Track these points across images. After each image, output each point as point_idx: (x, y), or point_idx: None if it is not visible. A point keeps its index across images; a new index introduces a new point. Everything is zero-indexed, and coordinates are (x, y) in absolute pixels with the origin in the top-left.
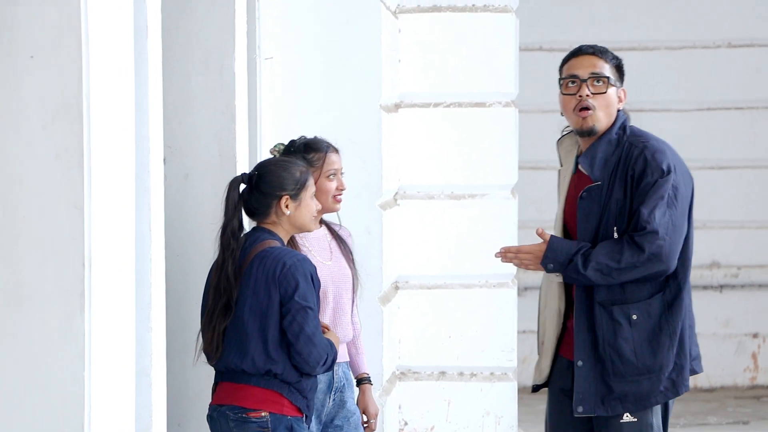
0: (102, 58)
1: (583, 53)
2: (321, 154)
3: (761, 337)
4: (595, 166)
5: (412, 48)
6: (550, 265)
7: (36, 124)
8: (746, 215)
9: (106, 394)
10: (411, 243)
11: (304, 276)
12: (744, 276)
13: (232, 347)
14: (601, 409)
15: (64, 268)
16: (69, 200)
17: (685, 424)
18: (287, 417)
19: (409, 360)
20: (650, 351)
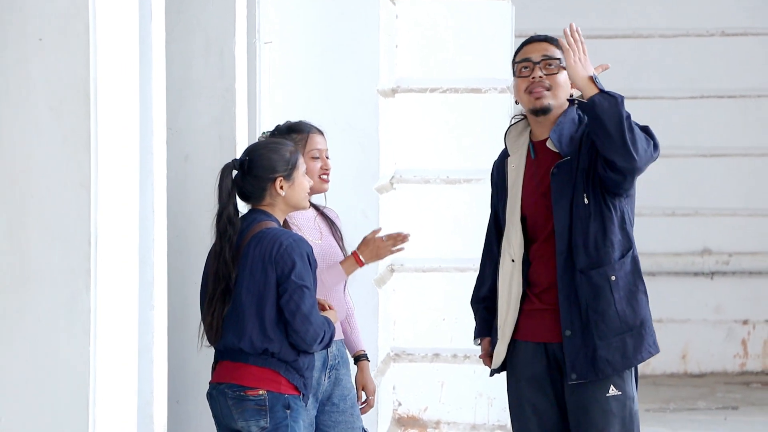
0: (108, 43)
1: (535, 41)
2: (303, 135)
3: (751, 324)
4: (563, 142)
5: (410, 34)
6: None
7: (44, 106)
8: (738, 203)
9: (110, 370)
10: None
11: (301, 256)
12: (735, 263)
13: (230, 327)
14: (591, 374)
15: (71, 246)
16: (76, 180)
17: (675, 408)
18: (284, 395)
19: (403, 342)
20: (630, 308)
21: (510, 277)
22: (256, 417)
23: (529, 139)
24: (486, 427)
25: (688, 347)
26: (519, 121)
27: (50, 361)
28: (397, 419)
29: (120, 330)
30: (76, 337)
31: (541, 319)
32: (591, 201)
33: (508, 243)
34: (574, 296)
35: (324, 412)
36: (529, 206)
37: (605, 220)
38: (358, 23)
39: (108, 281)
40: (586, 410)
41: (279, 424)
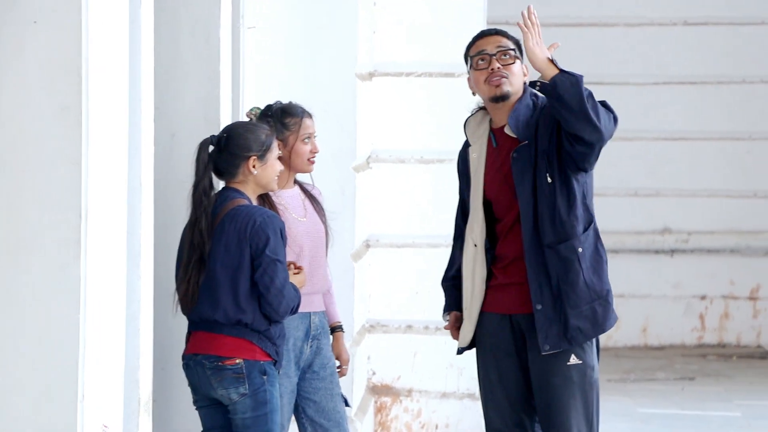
0: (99, 24)
1: (487, 34)
2: (297, 119)
3: (708, 299)
4: (520, 127)
5: (387, 20)
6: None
7: (37, 85)
8: (697, 184)
9: (98, 337)
10: (382, 204)
11: (274, 231)
12: (694, 241)
13: (204, 299)
14: (565, 343)
15: (62, 219)
16: (68, 156)
17: (635, 379)
18: (260, 362)
19: (378, 314)
20: (597, 277)
21: (473, 261)
22: (235, 384)
23: (490, 128)
24: (456, 395)
25: (649, 321)
26: (477, 112)
27: (41, 327)
28: (371, 387)
29: (108, 299)
30: (66, 305)
31: (507, 292)
32: (555, 179)
33: (471, 229)
34: (543, 271)
35: (305, 379)
36: (492, 191)
37: (570, 197)
38: (338, 10)
39: (97, 252)
40: (548, 379)
41: (257, 389)
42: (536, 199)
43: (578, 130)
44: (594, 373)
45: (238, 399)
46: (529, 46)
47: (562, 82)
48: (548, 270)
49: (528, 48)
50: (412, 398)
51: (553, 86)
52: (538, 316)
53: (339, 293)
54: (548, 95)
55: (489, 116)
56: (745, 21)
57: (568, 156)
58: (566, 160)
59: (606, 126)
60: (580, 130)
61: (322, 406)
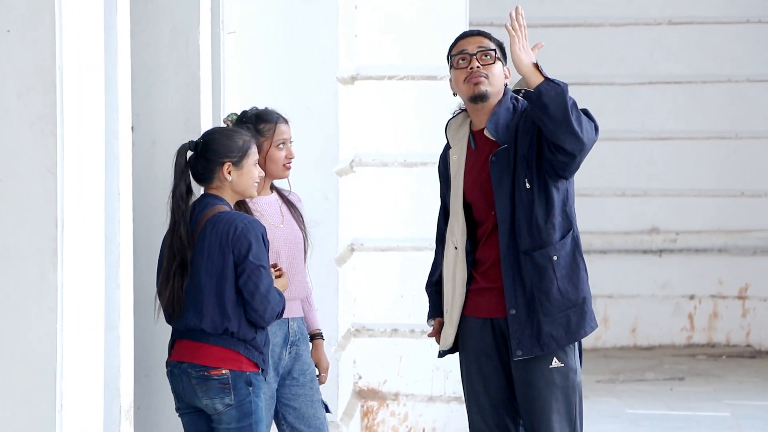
0: (74, 33)
1: (470, 35)
2: (271, 124)
3: (697, 299)
4: (500, 130)
5: (368, 24)
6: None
7: (12, 94)
8: (684, 184)
9: (77, 346)
10: (366, 208)
11: (256, 237)
12: (682, 241)
13: (189, 307)
14: (537, 349)
15: (39, 228)
16: (43, 165)
17: (624, 380)
18: (246, 372)
19: (363, 318)
20: (572, 285)
21: (454, 263)
22: (220, 395)
23: (469, 130)
24: (442, 398)
25: (638, 321)
26: (458, 114)
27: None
28: (357, 392)
29: (86, 307)
30: (43, 314)
31: (487, 297)
32: (534, 186)
33: (452, 231)
34: (518, 277)
35: (285, 386)
36: (471, 194)
37: (548, 204)
38: (318, 13)
39: (75, 261)
40: (530, 382)
41: (243, 400)
42: (514, 205)
43: (560, 140)
44: (576, 376)
45: (224, 409)
46: (514, 50)
47: (547, 92)
48: (523, 276)
49: (513, 52)
50: (399, 402)
51: (537, 95)
52: (512, 321)
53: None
54: (532, 103)
55: (470, 118)
56: (731, 20)
57: (549, 164)
58: (546, 168)
59: (588, 136)
60: (562, 140)
61: (302, 413)
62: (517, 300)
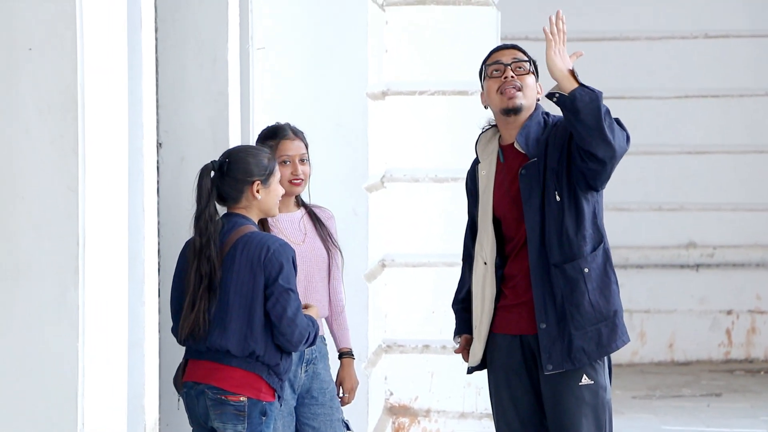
0: (96, 50)
1: (504, 48)
2: (275, 140)
3: (735, 314)
4: (530, 144)
5: (399, 39)
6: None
7: (33, 112)
8: (722, 198)
9: (98, 363)
10: (397, 223)
11: (287, 259)
12: (719, 256)
13: (215, 328)
14: (568, 363)
15: (60, 245)
16: (64, 182)
17: (661, 396)
18: (262, 402)
19: (395, 334)
20: (604, 298)
21: (483, 279)
22: (233, 421)
23: (498, 144)
24: (474, 415)
25: (675, 336)
26: (488, 130)
27: (39, 355)
28: (388, 408)
29: (108, 325)
30: (64, 332)
31: (516, 313)
32: (564, 198)
33: (481, 246)
34: (549, 290)
35: (304, 405)
36: (500, 208)
37: (578, 216)
38: (348, 29)
39: (96, 279)
40: (559, 399)
41: (254, 430)
42: (544, 217)
43: (592, 147)
44: (606, 393)
45: None
46: (549, 54)
47: (581, 97)
48: (553, 289)
49: (548, 56)
50: (431, 418)
51: (571, 99)
52: (542, 335)
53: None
54: (565, 108)
55: (499, 133)
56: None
57: (579, 173)
58: (577, 178)
59: (620, 144)
60: (593, 147)
61: None
62: (547, 314)
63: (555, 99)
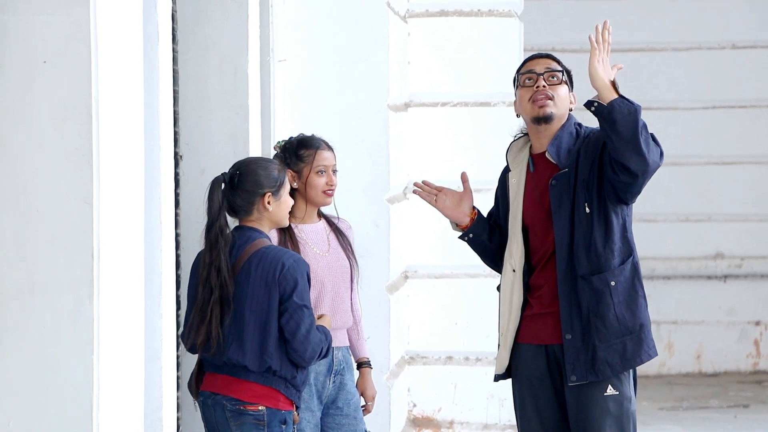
0: (111, 63)
1: (538, 57)
2: (312, 150)
3: (763, 325)
4: (561, 154)
5: (421, 50)
6: (621, 94)
7: (48, 125)
8: (749, 208)
9: (114, 376)
10: (420, 235)
11: (302, 275)
12: (747, 266)
13: (231, 343)
14: (592, 375)
15: (75, 259)
16: (79, 196)
17: (688, 407)
18: (281, 411)
19: (417, 345)
20: (630, 312)
21: (511, 286)
22: (254, 431)
23: (529, 153)
24: (498, 426)
25: (703, 348)
26: (519, 138)
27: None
28: (412, 420)
29: (124, 338)
30: (79, 345)
31: (541, 323)
32: (594, 210)
33: (510, 254)
34: (575, 301)
35: (329, 415)
36: (529, 217)
37: (607, 229)
38: (369, 41)
39: (111, 291)
40: (584, 409)
41: None
42: (573, 229)
43: (626, 159)
44: (631, 404)
45: None
46: (593, 62)
47: (620, 108)
48: (580, 301)
49: (591, 64)
50: (454, 430)
51: (610, 110)
52: (567, 346)
53: (375, 325)
54: (602, 118)
55: (530, 142)
56: None
57: (610, 186)
58: (607, 191)
59: (653, 158)
60: (627, 159)
61: None
62: (573, 325)
63: (593, 108)
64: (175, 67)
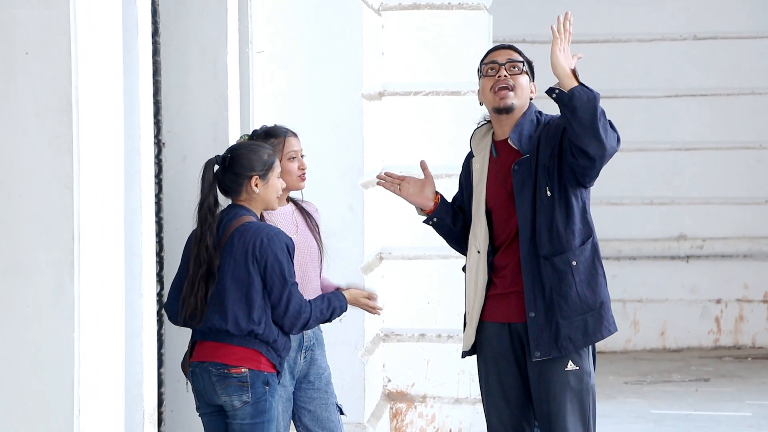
0: (91, 54)
1: (500, 48)
2: (280, 138)
3: (723, 303)
4: (523, 141)
5: (395, 42)
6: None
7: (30, 114)
8: (710, 192)
9: (95, 353)
10: (393, 218)
11: (281, 249)
12: (708, 247)
13: (214, 310)
14: (555, 351)
15: (56, 241)
16: (60, 181)
17: (652, 381)
18: (264, 372)
19: (392, 323)
20: (591, 290)
21: (476, 266)
22: (238, 392)
23: (492, 140)
24: (468, 400)
25: (667, 325)
26: (483, 125)
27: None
28: (386, 394)
29: (105, 317)
30: (61, 324)
31: (505, 302)
32: (555, 193)
33: (474, 236)
34: (538, 281)
35: (300, 389)
36: (493, 201)
37: (568, 211)
38: (343, 33)
39: (92, 273)
40: (546, 384)
41: (259, 399)
42: (535, 212)
43: (584, 144)
44: (591, 378)
45: (240, 406)
46: (554, 51)
47: (579, 95)
48: (543, 280)
49: (554, 53)
50: (426, 404)
51: (570, 97)
52: (531, 324)
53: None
54: (563, 104)
55: (492, 129)
56: (753, 35)
57: (570, 170)
58: (567, 175)
59: (610, 144)
60: (586, 144)
61: (317, 415)
62: (536, 303)
63: (554, 95)
64: (157, 58)
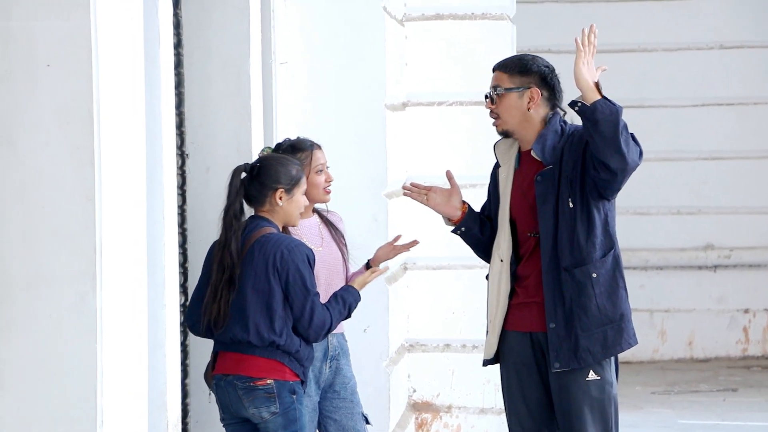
0: (112, 65)
1: (494, 70)
2: (307, 152)
3: (752, 312)
4: (546, 152)
5: (418, 52)
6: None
7: (52, 125)
8: (738, 201)
9: (118, 364)
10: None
11: (302, 260)
12: (736, 257)
13: (236, 321)
14: (574, 362)
15: (78, 253)
16: (82, 193)
17: (679, 391)
18: (289, 382)
19: (417, 334)
20: (611, 303)
21: (499, 275)
22: (266, 404)
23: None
24: (493, 410)
25: (694, 334)
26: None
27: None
28: (412, 405)
29: (127, 328)
30: (83, 335)
31: (527, 311)
32: (577, 205)
33: (498, 245)
34: (558, 292)
35: (326, 399)
36: (516, 211)
37: (589, 223)
38: (366, 44)
39: (114, 284)
40: (567, 393)
41: (288, 408)
42: (557, 223)
43: (606, 158)
44: (612, 388)
45: (270, 417)
46: (578, 64)
47: (602, 108)
48: (563, 291)
49: (577, 66)
50: (452, 414)
51: (592, 110)
52: (551, 335)
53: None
54: (585, 117)
55: None
56: None
57: (592, 183)
58: (589, 187)
59: (632, 158)
60: (608, 158)
61: (342, 425)
62: (556, 314)
63: (577, 108)
64: (180, 70)
